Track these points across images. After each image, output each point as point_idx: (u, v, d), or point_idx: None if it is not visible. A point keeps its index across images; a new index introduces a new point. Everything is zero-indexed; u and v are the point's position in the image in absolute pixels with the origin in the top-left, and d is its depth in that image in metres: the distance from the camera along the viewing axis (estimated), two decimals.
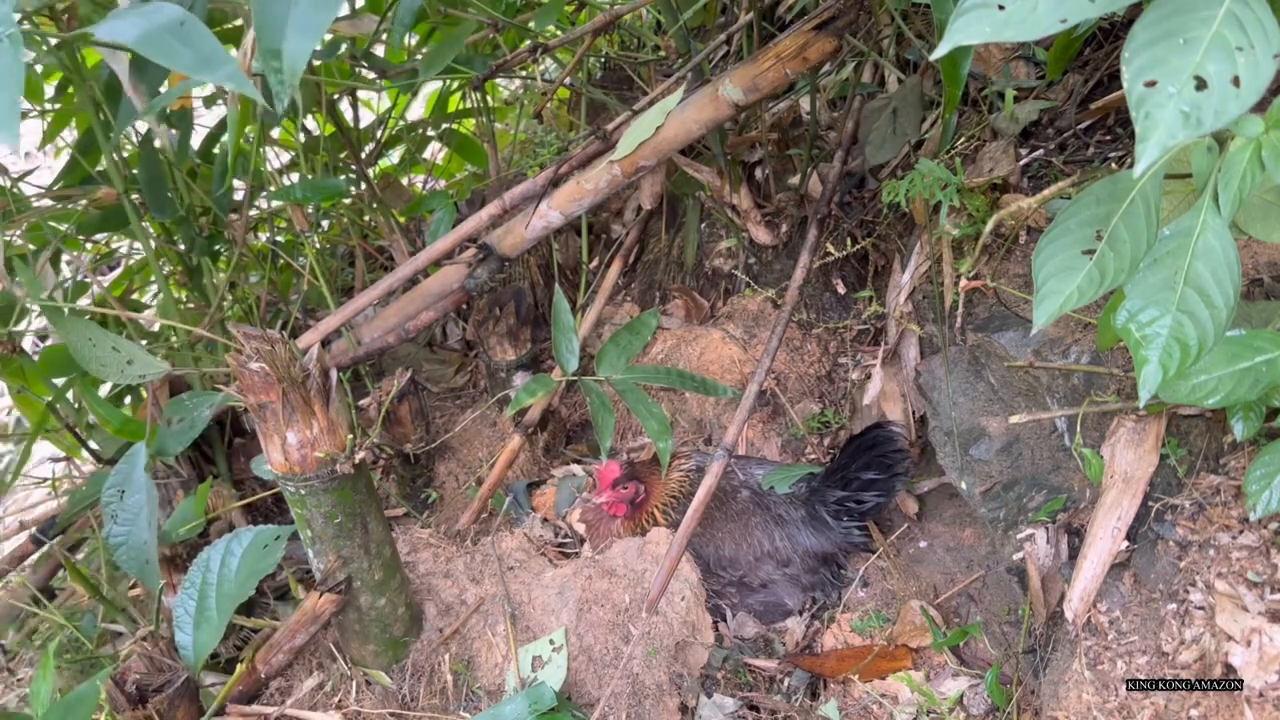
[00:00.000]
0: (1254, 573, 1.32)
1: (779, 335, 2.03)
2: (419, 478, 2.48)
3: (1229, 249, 0.99)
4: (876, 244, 2.41)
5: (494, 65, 2.04)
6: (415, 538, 2.06)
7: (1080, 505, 1.68)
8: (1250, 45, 0.80)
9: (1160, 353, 1.01)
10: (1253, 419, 1.33)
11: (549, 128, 3.41)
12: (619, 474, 2.07)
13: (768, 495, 2.07)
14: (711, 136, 2.15)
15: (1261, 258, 1.56)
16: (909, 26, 2.07)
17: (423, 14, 2.39)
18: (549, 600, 1.86)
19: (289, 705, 1.66)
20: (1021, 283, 1.88)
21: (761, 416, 2.42)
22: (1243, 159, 0.95)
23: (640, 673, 1.76)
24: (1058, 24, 0.83)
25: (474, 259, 2.11)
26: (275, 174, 2.71)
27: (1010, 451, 1.83)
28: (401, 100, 2.83)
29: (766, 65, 1.85)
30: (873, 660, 1.82)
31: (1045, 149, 2.08)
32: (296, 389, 1.42)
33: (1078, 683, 1.43)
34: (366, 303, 2.09)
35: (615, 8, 2.20)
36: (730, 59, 2.34)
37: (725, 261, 2.65)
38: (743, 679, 1.90)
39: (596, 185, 2.00)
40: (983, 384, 1.91)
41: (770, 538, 2.02)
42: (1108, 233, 1.02)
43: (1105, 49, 2.16)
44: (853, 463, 2.01)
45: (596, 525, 2.16)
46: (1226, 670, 1.27)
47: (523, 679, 1.74)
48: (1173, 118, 0.80)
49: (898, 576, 2.01)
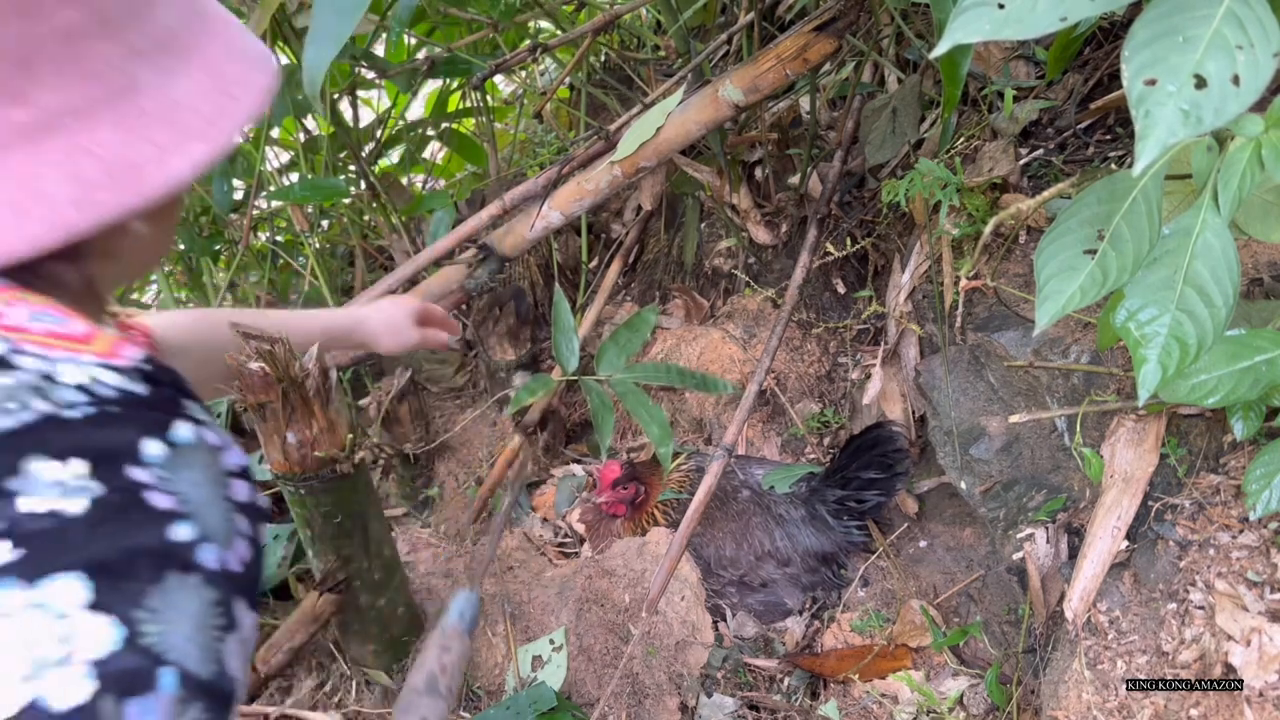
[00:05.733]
0: (1254, 572, 1.32)
1: (779, 335, 2.03)
2: (419, 478, 2.48)
3: (1228, 248, 0.99)
4: (876, 244, 2.41)
5: (494, 65, 2.04)
6: (415, 538, 2.07)
7: (1080, 505, 1.68)
8: (1250, 44, 0.80)
9: (1159, 352, 1.01)
10: (1253, 418, 1.33)
11: (549, 127, 3.41)
12: (619, 474, 2.08)
13: (768, 495, 2.07)
14: (711, 136, 2.14)
15: (1261, 257, 1.56)
16: (909, 26, 2.07)
17: (421, 13, 2.39)
18: (549, 600, 1.86)
19: (288, 705, 1.66)
20: (1021, 283, 1.88)
21: (761, 416, 2.42)
22: (1242, 158, 0.95)
23: (640, 672, 1.76)
24: (1057, 22, 0.83)
25: (474, 259, 2.11)
26: (275, 174, 2.71)
27: (1010, 451, 1.83)
28: (401, 100, 2.83)
29: (767, 66, 1.85)
30: (873, 660, 1.82)
31: (1045, 149, 2.08)
32: (296, 389, 1.42)
33: (1078, 682, 1.43)
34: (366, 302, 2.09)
35: (615, 8, 2.20)
36: (730, 59, 2.34)
37: (725, 261, 2.64)
38: (743, 679, 1.90)
39: (597, 186, 2.00)
40: (983, 384, 1.91)
41: (770, 537, 2.02)
42: (1109, 232, 1.01)
43: (1105, 48, 2.16)
44: (853, 462, 2.00)
45: (596, 525, 2.16)
46: (1226, 670, 1.27)
47: (523, 679, 1.74)
48: (1172, 116, 0.80)
49: (898, 576, 2.01)
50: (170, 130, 0.62)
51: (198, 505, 0.55)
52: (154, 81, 0.62)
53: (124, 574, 0.50)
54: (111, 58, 0.61)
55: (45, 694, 0.45)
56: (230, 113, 0.65)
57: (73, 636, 0.47)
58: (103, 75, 0.60)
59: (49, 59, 0.58)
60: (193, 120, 0.63)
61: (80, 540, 0.49)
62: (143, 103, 0.62)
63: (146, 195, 0.60)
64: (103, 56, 0.60)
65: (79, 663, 0.46)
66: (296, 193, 2.14)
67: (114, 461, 0.52)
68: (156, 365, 0.58)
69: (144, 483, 0.53)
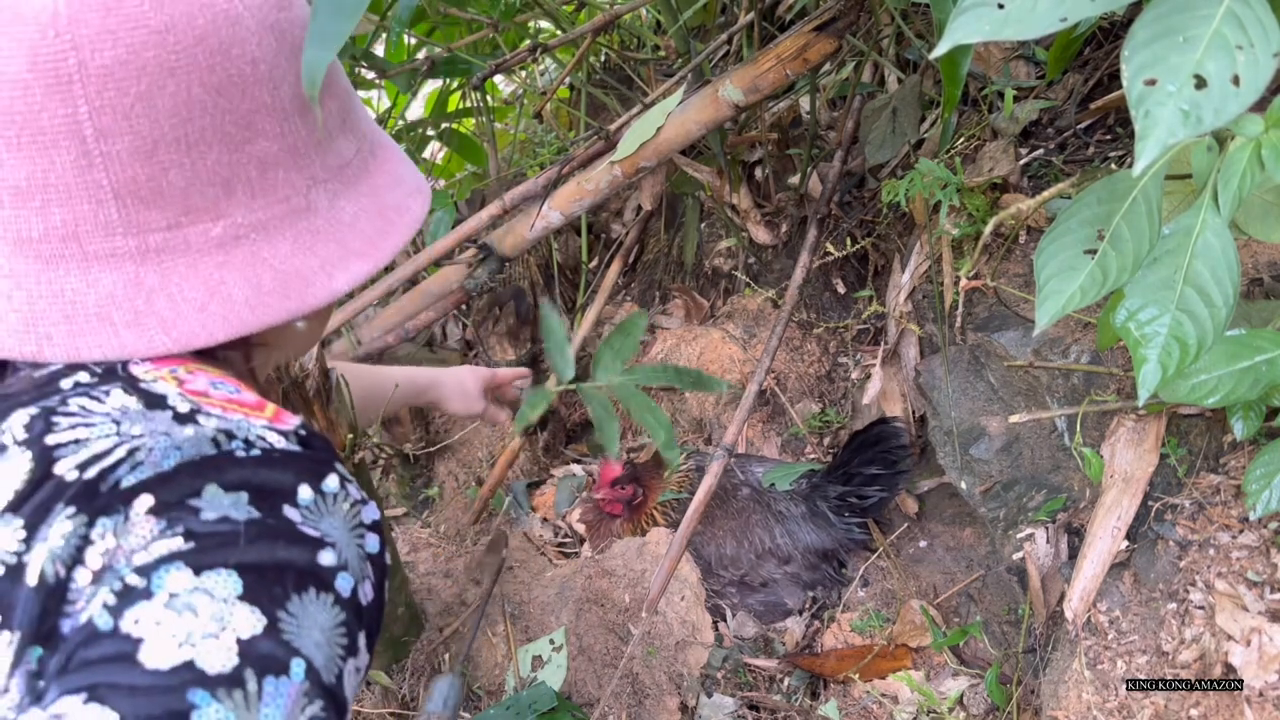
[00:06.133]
0: (1254, 572, 1.32)
1: (779, 335, 2.03)
2: (419, 478, 2.48)
3: (1229, 248, 0.99)
4: (876, 244, 2.41)
5: (494, 65, 2.04)
6: (415, 538, 2.07)
7: (1080, 505, 1.68)
8: (1250, 44, 0.80)
9: (1159, 352, 1.01)
10: (1253, 418, 1.33)
11: (549, 127, 3.41)
12: (620, 474, 2.07)
13: (768, 492, 2.06)
14: (711, 136, 2.14)
15: (1261, 257, 1.56)
16: (909, 26, 2.07)
17: (421, 13, 2.39)
18: (549, 600, 1.86)
19: None
20: (1021, 283, 1.88)
21: (761, 416, 2.42)
22: (1242, 158, 0.95)
23: (640, 672, 1.76)
24: (1058, 22, 0.83)
25: (474, 259, 2.11)
26: None
27: (1010, 451, 1.83)
28: (401, 100, 2.83)
29: (767, 66, 1.85)
30: (873, 660, 1.82)
31: (1045, 149, 2.08)
32: (296, 389, 1.42)
33: (1078, 682, 1.43)
34: (366, 303, 2.09)
35: (615, 8, 2.20)
36: (730, 59, 2.34)
37: (725, 261, 2.65)
38: (743, 679, 1.90)
39: (597, 186, 2.00)
40: (983, 384, 1.91)
41: (771, 534, 2.02)
42: (1109, 232, 1.01)
43: (1105, 48, 2.16)
44: (855, 458, 2.00)
45: (597, 525, 2.16)
46: (1226, 670, 1.27)
47: (523, 679, 1.74)
48: (1172, 116, 0.80)
49: (898, 576, 2.01)
50: (336, 248, 0.71)
51: (340, 541, 0.62)
52: (326, 204, 0.72)
53: (273, 580, 0.57)
54: (296, 183, 0.70)
55: (199, 657, 0.52)
56: (389, 234, 0.74)
57: (226, 618, 0.54)
58: (287, 198, 0.69)
59: (245, 183, 0.67)
60: (355, 241, 0.72)
61: (241, 546, 0.57)
62: (317, 222, 0.71)
63: (310, 305, 0.69)
64: (289, 182, 0.69)
65: (229, 638, 0.53)
66: None
67: (273, 497, 0.60)
68: (310, 430, 0.67)
69: (295, 520, 0.60)
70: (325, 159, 0.72)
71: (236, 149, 0.65)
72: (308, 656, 0.56)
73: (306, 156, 0.70)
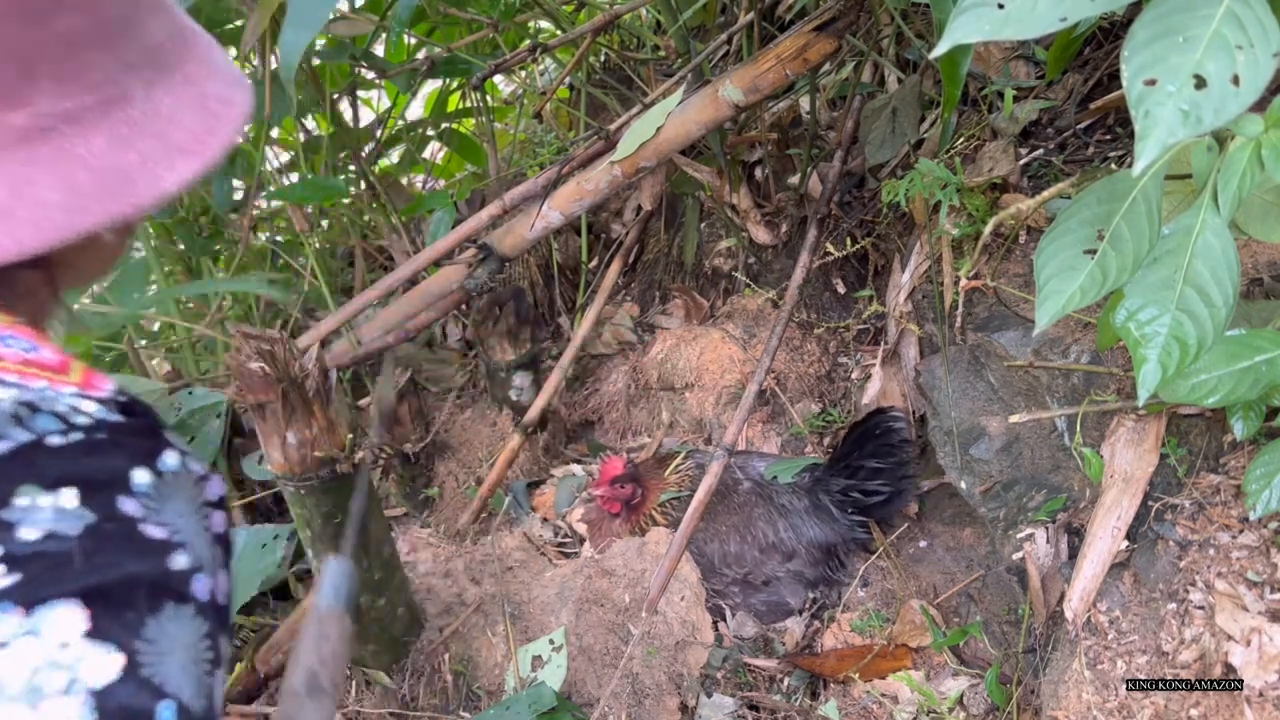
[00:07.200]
0: (1254, 572, 1.32)
1: (779, 335, 2.03)
2: (419, 478, 2.48)
3: (1228, 248, 0.99)
4: (876, 244, 2.41)
5: (494, 65, 2.04)
6: (415, 538, 2.06)
7: (1080, 505, 1.68)
8: (1250, 44, 0.80)
9: (1159, 351, 1.01)
10: (1252, 418, 1.33)
11: (549, 127, 3.41)
12: (621, 472, 2.07)
13: (769, 486, 2.06)
14: (711, 136, 2.15)
15: (1261, 257, 1.56)
16: (909, 26, 2.07)
17: (421, 13, 2.39)
18: (549, 600, 1.86)
19: None
20: (1021, 283, 1.88)
21: (761, 416, 2.42)
22: (1242, 158, 0.95)
23: (640, 672, 1.76)
24: (1057, 22, 0.83)
25: (474, 259, 2.11)
26: (275, 174, 2.71)
27: (1010, 451, 1.83)
28: (401, 100, 2.83)
29: (767, 66, 1.85)
30: (873, 660, 1.82)
31: (1045, 149, 2.08)
32: (296, 389, 1.42)
33: (1078, 682, 1.43)
34: (366, 303, 2.09)
35: (615, 8, 2.20)
36: (730, 59, 2.34)
37: (725, 261, 2.65)
38: (743, 679, 1.90)
39: (597, 186, 2.00)
40: (982, 384, 1.91)
41: (774, 528, 2.01)
42: (1109, 232, 1.01)
43: (1105, 48, 2.16)
44: (855, 450, 2.00)
45: (597, 525, 2.15)
46: (1226, 670, 1.27)
47: (523, 679, 1.74)
48: (1172, 116, 0.80)
49: (898, 576, 2.01)
50: (158, 143, 0.62)
51: (188, 535, 0.54)
52: (142, 94, 0.62)
53: (122, 602, 0.49)
54: (107, 67, 0.60)
55: None
56: (215, 130, 0.65)
57: (73, 665, 0.46)
58: (99, 84, 0.60)
59: (49, 64, 0.57)
60: (178, 135, 0.63)
61: (79, 567, 0.48)
62: (132, 114, 0.61)
63: (136, 206, 0.59)
64: (99, 65, 0.60)
65: (80, 693, 0.45)
66: (296, 193, 2.14)
67: (106, 490, 0.51)
68: (128, 393, 0.57)
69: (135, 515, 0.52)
70: (136, 39, 0.62)
71: (38, 23, 0.56)
72: (174, 694, 0.49)
73: (115, 35, 0.60)
